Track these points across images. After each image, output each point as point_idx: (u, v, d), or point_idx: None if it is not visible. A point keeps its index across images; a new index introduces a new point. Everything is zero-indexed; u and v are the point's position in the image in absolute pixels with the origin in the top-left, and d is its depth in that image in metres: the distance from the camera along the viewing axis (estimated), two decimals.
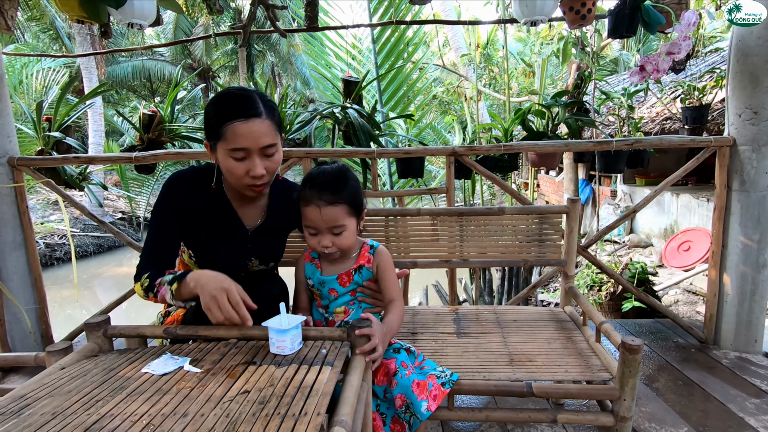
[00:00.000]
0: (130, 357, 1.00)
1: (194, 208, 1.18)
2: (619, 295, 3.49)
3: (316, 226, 1.17)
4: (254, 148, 1.09)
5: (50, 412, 0.78)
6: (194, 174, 1.21)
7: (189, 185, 1.19)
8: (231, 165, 1.11)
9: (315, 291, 1.27)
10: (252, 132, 1.08)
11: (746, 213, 2.01)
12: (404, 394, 1.11)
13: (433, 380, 1.16)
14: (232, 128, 1.07)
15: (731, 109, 2.04)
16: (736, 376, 1.91)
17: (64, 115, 2.44)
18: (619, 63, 12.95)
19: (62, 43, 12.14)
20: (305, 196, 1.16)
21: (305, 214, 1.17)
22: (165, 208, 1.17)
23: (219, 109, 1.11)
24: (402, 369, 1.14)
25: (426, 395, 1.12)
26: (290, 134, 2.40)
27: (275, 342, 0.95)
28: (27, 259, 2.21)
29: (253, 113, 1.09)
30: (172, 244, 1.19)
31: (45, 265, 8.18)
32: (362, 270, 1.24)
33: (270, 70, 16.44)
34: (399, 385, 1.12)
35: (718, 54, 5.98)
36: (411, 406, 1.11)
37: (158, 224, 1.18)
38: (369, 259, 1.24)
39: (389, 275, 1.25)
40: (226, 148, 1.09)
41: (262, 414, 0.74)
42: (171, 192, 1.18)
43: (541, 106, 2.46)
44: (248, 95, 1.12)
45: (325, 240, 1.17)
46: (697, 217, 6.12)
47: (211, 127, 1.12)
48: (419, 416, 1.10)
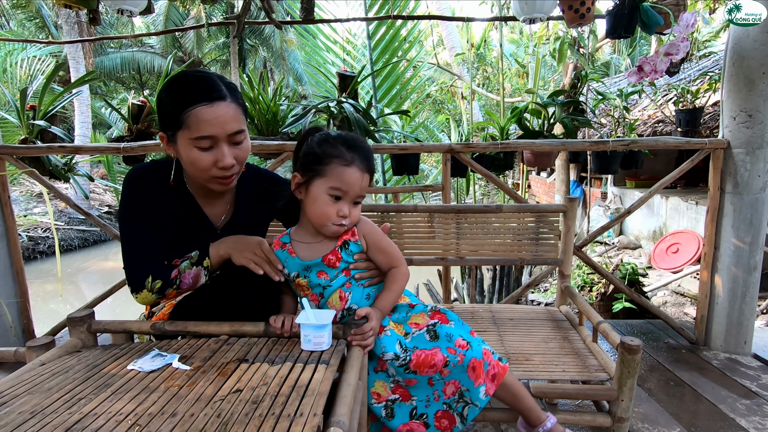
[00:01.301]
0: (115, 353, 0.95)
1: (158, 206, 1.08)
2: (609, 296, 3.52)
3: (349, 190, 1.03)
4: (222, 135, 1.00)
5: (29, 411, 0.73)
6: (155, 168, 1.11)
7: (151, 180, 1.09)
8: (195, 156, 1.00)
9: (299, 281, 1.10)
10: (218, 117, 0.98)
11: (739, 215, 2.03)
12: (458, 381, 1.00)
13: (488, 357, 1.03)
14: (195, 114, 0.97)
15: (726, 111, 2.05)
16: (726, 377, 1.92)
17: (49, 103, 2.36)
18: (611, 67, 13.09)
19: (49, 32, 11.87)
20: (344, 155, 1.03)
21: (340, 175, 1.02)
22: (134, 206, 1.07)
23: (177, 93, 1.00)
24: (452, 356, 1.00)
25: (483, 378, 1.01)
26: (284, 128, 2.36)
27: (312, 339, 0.92)
28: (8, 251, 2.14)
29: (217, 96, 0.99)
30: (156, 239, 1.08)
31: (28, 259, 7.99)
32: (349, 245, 1.09)
33: (262, 65, 16.28)
34: (452, 372, 1.00)
35: (709, 59, 6.06)
36: (466, 393, 1.00)
37: (134, 224, 1.07)
38: (353, 231, 1.10)
39: (382, 242, 1.11)
40: (189, 137, 0.99)
41: (256, 414, 0.71)
42: (134, 188, 1.08)
43: (538, 105, 2.45)
44: (208, 77, 1.02)
45: (346, 208, 1.04)
46: (685, 219, 6.20)
47: (168, 115, 1.00)
48: (478, 403, 1.00)
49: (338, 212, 1.04)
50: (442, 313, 1.11)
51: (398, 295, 1.10)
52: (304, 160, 1.06)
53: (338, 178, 1.03)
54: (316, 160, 1.04)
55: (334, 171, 1.03)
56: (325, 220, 1.05)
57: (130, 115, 2.32)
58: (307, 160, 1.05)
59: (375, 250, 1.11)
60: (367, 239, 1.11)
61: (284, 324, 0.99)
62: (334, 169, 1.03)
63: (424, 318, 1.10)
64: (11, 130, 2.52)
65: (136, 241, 1.07)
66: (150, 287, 1.04)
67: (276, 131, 2.34)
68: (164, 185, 1.10)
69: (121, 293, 2.44)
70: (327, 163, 1.03)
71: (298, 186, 1.08)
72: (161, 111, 1.04)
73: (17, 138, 2.29)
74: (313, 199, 1.05)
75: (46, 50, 10.98)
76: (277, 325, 0.99)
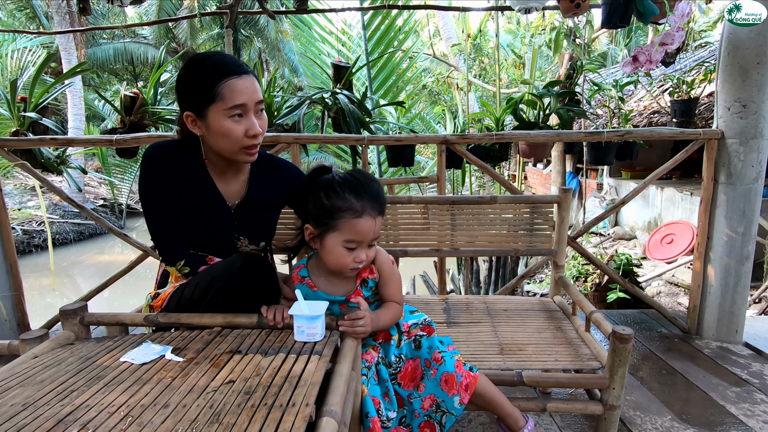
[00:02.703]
0: (108, 345, 0.95)
1: (176, 181, 1.12)
2: (604, 287, 3.54)
3: (363, 240, 1.04)
4: (251, 104, 1.07)
5: (21, 403, 0.73)
6: (175, 146, 1.15)
7: (169, 156, 1.14)
8: (228, 127, 1.06)
9: None
10: (247, 87, 1.06)
11: (732, 206, 2.04)
12: (433, 394, 1.06)
13: (461, 369, 1.09)
14: (229, 85, 1.04)
15: (720, 102, 2.05)
16: (717, 366, 1.94)
17: (40, 95, 2.33)
18: (608, 57, 13.05)
19: (39, 22, 11.69)
20: (354, 207, 1.02)
21: (353, 228, 1.02)
22: (153, 181, 1.12)
23: (207, 69, 1.06)
24: (427, 369, 1.09)
25: (457, 388, 1.06)
26: (278, 119, 2.34)
27: (305, 330, 0.93)
28: (2, 245, 2.12)
29: (243, 70, 1.08)
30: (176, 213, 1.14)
31: (23, 253, 7.94)
32: (368, 282, 1.13)
33: (257, 56, 16.12)
34: (426, 387, 1.07)
35: (705, 49, 6.04)
36: (442, 404, 1.06)
37: (155, 199, 1.12)
38: (371, 269, 1.12)
39: (393, 278, 1.14)
40: (223, 108, 1.05)
41: (248, 404, 0.71)
42: (152, 163, 1.12)
43: (533, 95, 2.44)
44: (229, 55, 1.12)
45: (362, 254, 1.05)
46: (680, 210, 6.23)
47: (199, 91, 1.05)
48: (453, 412, 1.05)
49: (355, 259, 1.05)
50: (431, 327, 1.17)
51: (392, 318, 1.12)
52: (315, 213, 1.05)
53: (351, 231, 1.03)
54: (326, 215, 1.03)
55: (347, 225, 1.02)
56: (342, 268, 1.06)
57: (123, 107, 2.30)
58: (318, 214, 1.04)
59: (383, 283, 1.14)
60: (380, 271, 1.13)
61: (276, 315, 0.99)
62: (346, 223, 1.02)
63: (416, 329, 1.15)
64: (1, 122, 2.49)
65: (159, 217, 1.13)
66: (179, 269, 1.13)
67: (270, 122, 2.32)
68: (183, 162, 1.14)
69: (116, 286, 2.44)
70: (338, 218, 1.03)
71: (312, 238, 1.08)
72: (189, 90, 1.08)
73: (8, 130, 2.26)
74: (329, 252, 1.05)
75: (37, 41, 10.81)
76: (270, 316, 0.99)
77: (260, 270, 1.07)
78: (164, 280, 1.22)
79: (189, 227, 1.14)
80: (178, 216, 1.13)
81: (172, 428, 0.66)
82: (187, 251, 1.14)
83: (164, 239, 1.14)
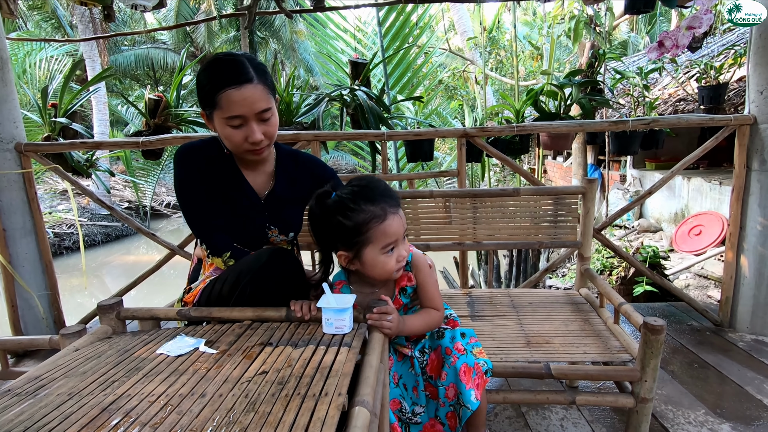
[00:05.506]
0: (144, 338, 0.98)
1: (209, 178, 1.18)
2: (630, 280, 3.46)
3: (398, 236, 1.05)
4: (250, 115, 1.09)
5: (66, 393, 0.77)
6: (204, 145, 1.21)
7: (200, 154, 1.19)
8: (229, 132, 1.10)
9: None
10: (246, 98, 1.07)
11: (766, 194, 1.96)
12: (454, 383, 1.07)
13: (478, 369, 1.10)
14: (226, 96, 1.06)
15: (752, 86, 1.97)
16: (753, 359, 1.88)
17: (69, 101, 2.41)
18: (628, 46, 12.69)
19: (64, 32, 12.06)
20: (375, 213, 1.02)
21: (384, 232, 1.02)
22: (188, 178, 1.17)
23: (210, 77, 1.09)
24: (447, 356, 1.09)
25: (472, 383, 1.07)
26: (298, 118, 2.37)
27: (333, 322, 0.94)
28: (37, 246, 2.21)
29: (245, 79, 1.07)
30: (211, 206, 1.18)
31: (54, 255, 8.11)
32: (407, 290, 1.14)
33: (273, 57, 16.28)
34: (448, 375, 1.07)
35: (734, 33, 5.81)
36: (460, 395, 1.06)
37: (191, 194, 1.17)
38: (409, 277, 1.13)
39: (428, 282, 1.14)
40: (222, 116, 1.09)
41: (282, 394, 0.72)
42: (186, 162, 1.17)
43: (554, 86, 2.40)
44: (238, 60, 1.10)
45: (401, 250, 1.06)
46: (708, 200, 6.03)
47: (205, 96, 1.11)
48: (469, 406, 1.05)
49: (398, 259, 1.06)
50: (455, 321, 1.19)
51: (425, 325, 1.12)
52: (342, 237, 1.05)
53: (384, 236, 1.03)
54: (354, 234, 1.03)
55: (377, 233, 1.03)
56: (390, 272, 1.07)
57: (147, 110, 2.36)
58: (346, 237, 1.04)
59: (418, 287, 1.15)
60: (417, 276, 1.14)
61: (304, 308, 1.01)
62: (375, 232, 1.03)
63: None
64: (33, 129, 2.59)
65: (198, 211, 1.18)
66: (225, 260, 1.18)
67: (290, 121, 2.35)
68: (213, 158, 1.19)
69: (144, 285, 2.51)
70: (366, 231, 1.02)
71: (349, 261, 1.08)
72: (199, 92, 1.12)
73: (40, 136, 2.35)
74: (372, 266, 1.06)
75: (62, 50, 11.17)
76: (298, 309, 1.01)
77: (286, 263, 1.09)
78: (195, 275, 1.25)
79: (223, 218, 1.18)
80: (213, 208, 1.18)
81: (210, 416, 0.68)
82: (231, 242, 1.18)
83: (206, 231, 1.18)
